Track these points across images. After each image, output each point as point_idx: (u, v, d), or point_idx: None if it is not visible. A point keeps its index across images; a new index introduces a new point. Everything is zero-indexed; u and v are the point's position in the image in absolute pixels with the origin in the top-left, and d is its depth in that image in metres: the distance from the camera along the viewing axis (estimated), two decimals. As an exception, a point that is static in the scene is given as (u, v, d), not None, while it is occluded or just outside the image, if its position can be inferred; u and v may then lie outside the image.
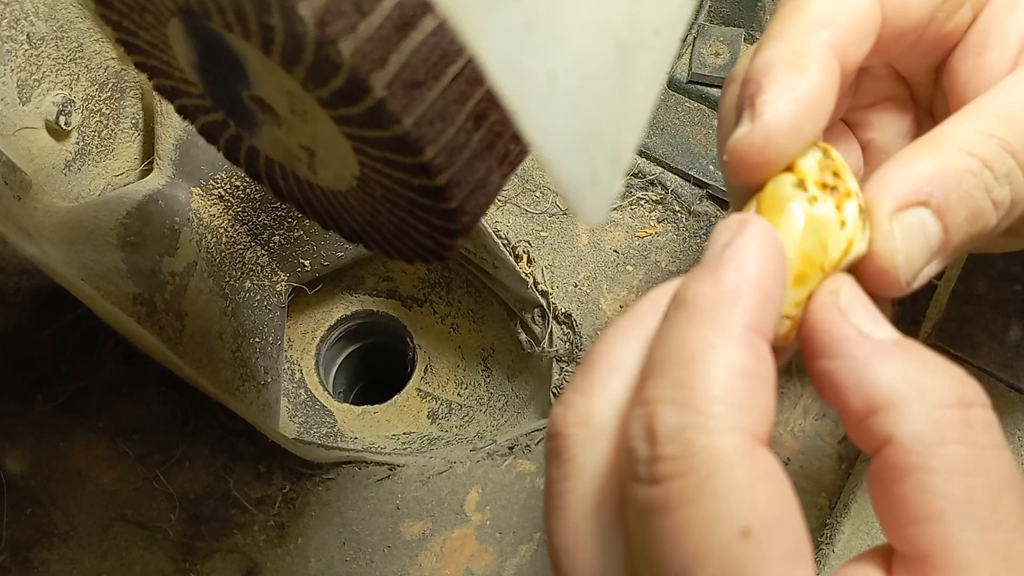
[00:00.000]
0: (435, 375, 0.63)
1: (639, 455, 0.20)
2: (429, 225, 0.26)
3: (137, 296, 0.42)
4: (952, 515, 0.20)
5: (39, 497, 0.45)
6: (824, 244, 0.24)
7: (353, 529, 0.46)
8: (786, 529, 0.19)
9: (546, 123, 0.19)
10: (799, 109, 0.24)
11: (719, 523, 0.19)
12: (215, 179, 0.48)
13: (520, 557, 0.45)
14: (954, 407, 0.21)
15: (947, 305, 0.41)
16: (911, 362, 0.21)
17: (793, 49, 0.25)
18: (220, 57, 0.24)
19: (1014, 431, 0.39)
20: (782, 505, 0.19)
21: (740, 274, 0.21)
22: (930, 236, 0.25)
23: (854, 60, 0.26)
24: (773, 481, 0.20)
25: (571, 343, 0.51)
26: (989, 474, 0.20)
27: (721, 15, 0.56)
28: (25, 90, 0.43)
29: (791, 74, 0.24)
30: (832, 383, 0.22)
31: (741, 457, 0.19)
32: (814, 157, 0.25)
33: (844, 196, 0.24)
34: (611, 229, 0.53)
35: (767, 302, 0.21)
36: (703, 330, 0.21)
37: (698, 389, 0.20)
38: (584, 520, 0.22)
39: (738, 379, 0.20)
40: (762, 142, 0.24)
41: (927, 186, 0.25)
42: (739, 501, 0.19)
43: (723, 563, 0.19)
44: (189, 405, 0.48)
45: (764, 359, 0.21)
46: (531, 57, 0.18)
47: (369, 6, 0.20)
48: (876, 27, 0.26)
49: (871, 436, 0.21)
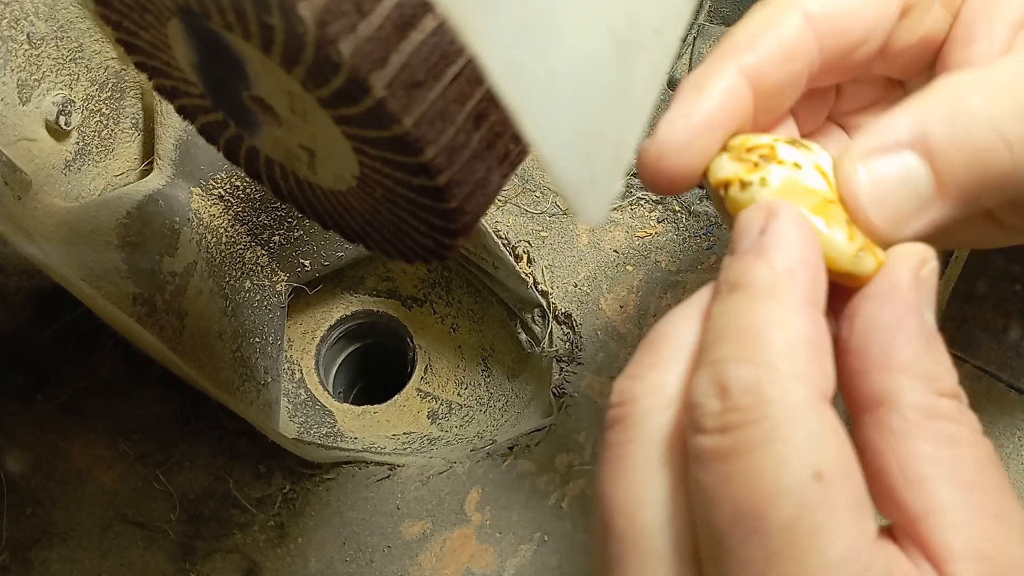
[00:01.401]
0: (435, 375, 0.63)
1: (708, 409, 0.21)
2: (429, 225, 0.26)
3: (137, 296, 0.42)
4: (941, 478, 0.21)
5: (39, 497, 0.45)
6: (807, 189, 0.25)
7: (353, 529, 0.46)
8: (853, 478, 0.20)
9: (546, 123, 0.19)
10: (690, 125, 0.26)
11: (793, 466, 0.20)
12: (215, 179, 0.48)
13: (520, 557, 0.45)
14: (951, 397, 0.22)
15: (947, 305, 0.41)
16: (935, 352, 0.23)
17: (702, 71, 0.26)
18: (220, 57, 0.24)
19: (1014, 431, 0.39)
20: (849, 456, 0.21)
21: (789, 255, 0.23)
22: (916, 181, 0.24)
23: (774, 81, 0.27)
24: (840, 435, 0.21)
25: (571, 343, 0.51)
26: (975, 447, 0.22)
27: (721, 15, 0.56)
28: (25, 90, 0.43)
29: (690, 94, 0.26)
30: (865, 326, 0.23)
31: (811, 409, 0.20)
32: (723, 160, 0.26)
33: (771, 150, 0.25)
34: (611, 229, 0.53)
35: (816, 277, 0.23)
36: (766, 306, 0.22)
37: (768, 350, 0.21)
38: (647, 479, 0.23)
39: (802, 345, 0.21)
40: (656, 155, 0.26)
41: (907, 130, 0.24)
42: (812, 447, 0.20)
43: (796, 503, 0.19)
44: (189, 405, 0.48)
45: (822, 328, 0.22)
46: (531, 57, 0.18)
47: (369, 6, 0.20)
48: (805, 50, 0.26)
49: (868, 391, 0.23)
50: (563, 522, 0.46)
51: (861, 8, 0.27)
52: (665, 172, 0.26)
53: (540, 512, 0.46)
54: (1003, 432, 0.39)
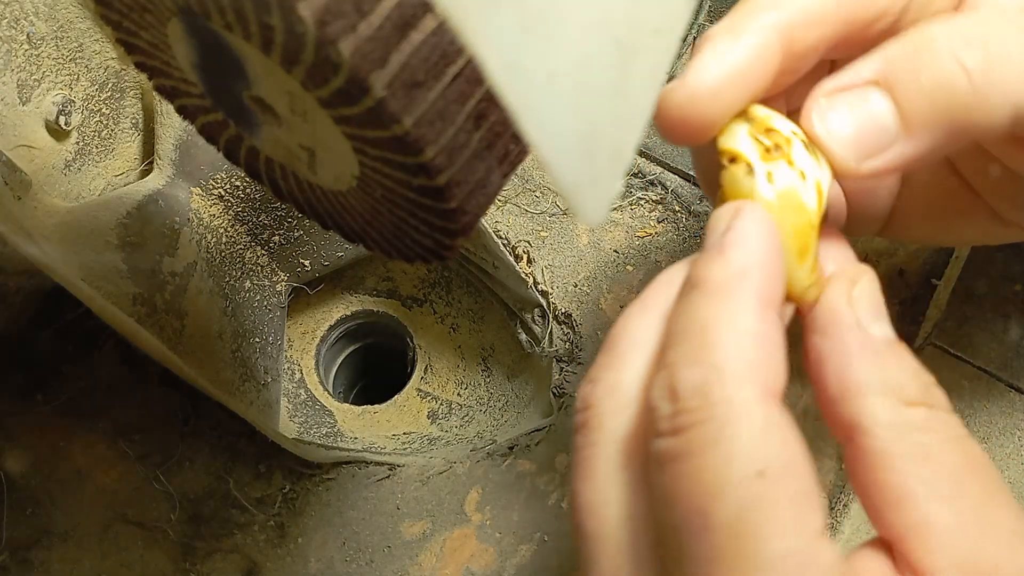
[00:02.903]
0: (435, 375, 0.63)
1: (661, 412, 0.22)
2: (429, 225, 0.26)
3: (137, 296, 0.42)
4: (920, 494, 0.21)
5: (39, 497, 0.45)
6: (801, 207, 0.25)
7: (353, 529, 0.46)
8: (797, 474, 0.20)
9: (546, 123, 0.19)
10: (724, 72, 0.25)
11: (736, 463, 0.20)
12: (215, 179, 0.48)
13: (520, 557, 0.45)
14: (919, 405, 0.22)
15: (947, 305, 0.41)
16: (891, 362, 0.23)
17: (735, 21, 0.26)
18: (220, 57, 0.24)
19: (1014, 431, 0.39)
20: (793, 452, 0.21)
21: (745, 254, 0.23)
22: (880, 116, 0.24)
23: (802, 43, 0.26)
24: (786, 430, 0.21)
25: (571, 343, 0.51)
26: (951, 457, 0.22)
27: (721, 15, 0.56)
28: (25, 90, 0.43)
29: (724, 41, 0.25)
30: (818, 359, 0.24)
31: (756, 407, 0.21)
32: (742, 131, 0.25)
33: (787, 145, 0.25)
34: (611, 229, 0.53)
35: (771, 276, 0.23)
36: (717, 304, 0.22)
37: (716, 350, 0.21)
38: (609, 480, 0.23)
39: (751, 342, 0.22)
40: (683, 99, 0.25)
41: (871, 70, 0.25)
42: (755, 445, 0.20)
43: (739, 499, 0.20)
44: (189, 405, 0.48)
45: (774, 325, 0.22)
46: (531, 57, 0.18)
47: (369, 6, 0.20)
48: (830, 16, 0.26)
49: (841, 419, 0.23)
50: (563, 522, 0.46)
51: None
52: (692, 118, 0.25)
53: (540, 512, 0.46)
54: (1003, 432, 0.39)
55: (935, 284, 0.44)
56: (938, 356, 0.40)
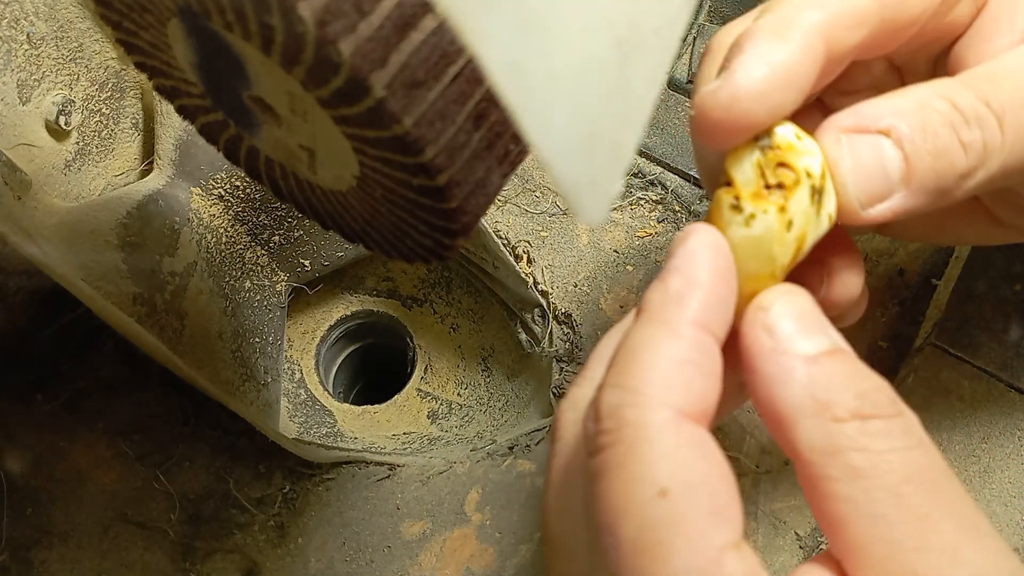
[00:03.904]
0: (435, 375, 0.63)
1: (588, 432, 0.23)
2: (429, 225, 0.26)
3: (137, 296, 0.42)
4: (855, 516, 0.21)
5: (39, 497, 0.45)
6: (770, 256, 0.24)
7: (353, 529, 0.46)
8: (705, 492, 0.21)
9: (546, 123, 0.19)
10: (771, 74, 0.24)
11: (640, 484, 0.21)
12: (215, 179, 0.48)
13: (520, 557, 0.45)
14: (849, 420, 0.22)
15: (947, 305, 0.41)
16: (819, 378, 0.22)
17: (780, 20, 0.25)
18: (220, 57, 0.24)
19: (1014, 431, 0.39)
20: (703, 471, 0.21)
21: (683, 278, 0.23)
22: (889, 163, 0.25)
23: (843, 46, 0.26)
24: (697, 451, 0.21)
25: (571, 343, 0.51)
26: (886, 475, 0.21)
27: (721, 15, 0.56)
28: (25, 90, 0.43)
29: (771, 41, 0.24)
30: (753, 395, 0.23)
31: (667, 430, 0.21)
32: (750, 160, 0.24)
33: (793, 187, 0.24)
34: (611, 229, 0.53)
35: (710, 300, 0.23)
36: (650, 328, 0.23)
37: (635, 374, 0.22)
38: (561, 488, 0.25)
39: (674, 366, 0.22)
40: (728, 100, 0.24)
41: (886, 118, 0.25)
42: (659, 466, 0.21)
43: (640, 519, 0.20)
44: (189, 405, 0.48)
45: (704, 349, 0.22)
46: (531, 57, 0.18)
47: (369, 6, 0.20)
48: (871, 17, 0.26)
49: (784, 447, 0.23)
50: (563, 522, 0.46)
51: None
52: (736, 121, 0.24)
53: (540, 512, 0.46)
54: (1003, 432, 0.39)
55: (935, 284, 0.44)
56: (938, 356, 0.40)
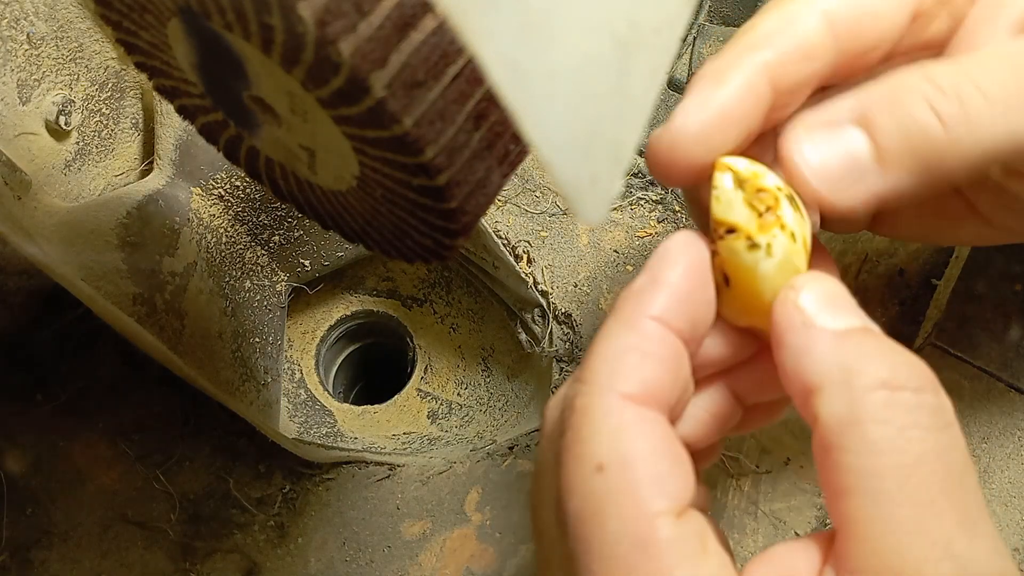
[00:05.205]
0: (435, 375, 0.63)
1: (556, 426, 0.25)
2: (429, 225, 0.26)
3: (137, 296, 0.42)
4: (859, 490, 0.21)
5: (39, 497, 0.45)
6: (795, 268, 0.25)
7: (353, 529, 0.46)
8: (643, 466, 0.22)
9: (546, 123, 0.19)
10: (708, 118, 0.25)
11: (581, 462, 0.23)
12: (215, 179, 0.48)
13: (520, 557, 0.45)
14: (876, 389, 0.22)
15: (947, 305, 0.41)
16: (848, 349, 0.23)
17: (722, 63, 0.26)
18: (220, 57, 0.24)
19: (1014, 431, 0.39)
20: (642, 447, 0.23)
21: (648, 276, 0.25)
22: (857, 152, 0.25)
23: (793, 79, 0.26)
24: (636, 429, 0.23)
25: (571, 343, 0.51)
26: (900, 453, 0.21)
27: (721, 15, 0.56)
28: (25, 90, 0.43)
29: (710, 86, 0.26)
30: (782, 371, 0.24)
31: (610, 412, 0.23)
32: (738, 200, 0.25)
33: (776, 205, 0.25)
34: (611, 229, 0.53)
35: (674, 297, 0.25)
36: (609, 323, 0.25)
37: (587, 366, 0.24)
38: (545, 482, 0.26)
39: (621, 354, 0.24)
40: (669, 144, 0.25)
41: (850, 108, 0.25)
42: (598, 444, 0.23)
43: (582, 493, 0.22)
44: (189, 405, 0.48)
45: (654, 338, 0.24)
46: (531, 57, 0.18)
47: (369, 6, 0.20)
48: (824, 50, 0.26)
49: (808, 417, 0.23)
50: (563, 522, 0.46)
51: (878, 11, 0.27)
52: (677, 163, 0.26)
53: (540, 512, 0.46)
54: (1003, 432, 0.39)
55: (935, 284, 0.44)
56: (938, 356, 0.40)
